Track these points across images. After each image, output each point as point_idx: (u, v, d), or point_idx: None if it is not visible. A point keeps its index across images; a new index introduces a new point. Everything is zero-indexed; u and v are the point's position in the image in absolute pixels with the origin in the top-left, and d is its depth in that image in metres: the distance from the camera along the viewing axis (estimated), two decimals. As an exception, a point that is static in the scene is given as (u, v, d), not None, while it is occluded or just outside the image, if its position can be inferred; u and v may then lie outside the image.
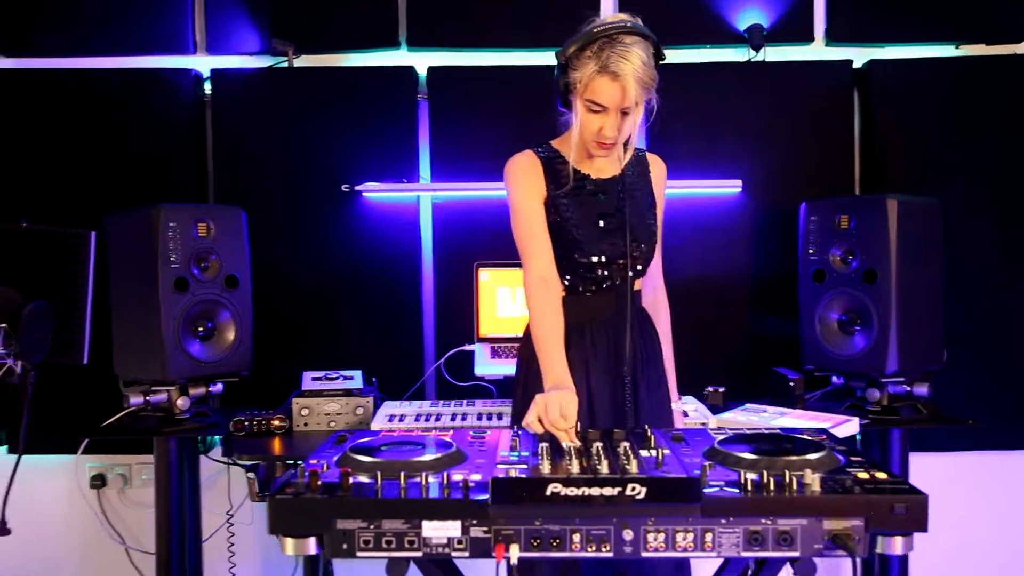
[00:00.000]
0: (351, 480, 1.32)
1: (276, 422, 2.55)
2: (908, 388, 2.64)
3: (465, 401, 2.74)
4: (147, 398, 2.62)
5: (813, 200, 2.77)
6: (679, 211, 3.11)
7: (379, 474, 1.32)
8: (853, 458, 1.47)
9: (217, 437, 2.82)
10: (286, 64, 3.13)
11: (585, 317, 1.99)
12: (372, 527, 1.27)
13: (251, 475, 2.32)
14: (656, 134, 3.08)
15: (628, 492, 1.23)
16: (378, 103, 3.13)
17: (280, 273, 3.09)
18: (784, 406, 2.68)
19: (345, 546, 1.27)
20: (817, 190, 3.01)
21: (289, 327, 3.10)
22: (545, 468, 1.40)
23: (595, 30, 1.83)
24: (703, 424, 2.48)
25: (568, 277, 2.00)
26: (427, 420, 2.51)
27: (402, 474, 1.31)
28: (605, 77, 1.81)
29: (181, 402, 2.64)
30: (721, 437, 1.58)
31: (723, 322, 3.12)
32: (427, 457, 1.44)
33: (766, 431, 1.67)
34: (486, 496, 1.26)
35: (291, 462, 2.31)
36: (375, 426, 2.47)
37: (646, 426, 1.64)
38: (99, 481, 3.17)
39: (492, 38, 3.16)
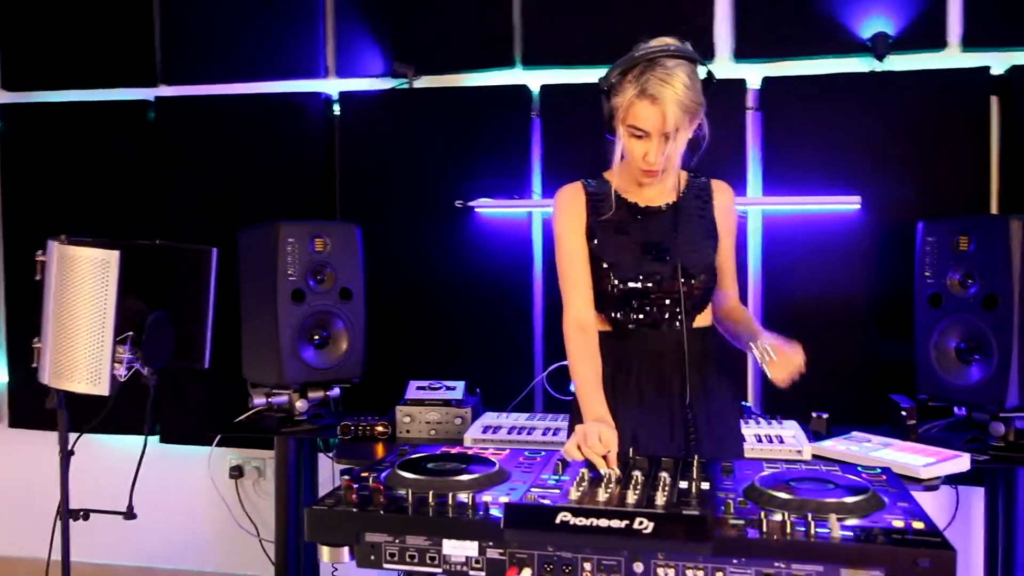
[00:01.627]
0: (384, 495, 1.41)
1: (380, 428, 2.70)
2: (1036, 423, 2.45)
3: (561, 416, 2.79)
4: (269, 400, 2.84)
5: (931, 219, 2.61)
6: (793, 228, 3.02)
7: (410, 491, 1.40)
8: (901, 503, 1.41)
9: (333, 439, 3.01)
10: (407, 85, 3.29)
11: (635, 353, 1.92)
12: (397, 541, 1.35)
13: (346, 478, 2.46)
14: (774, 147, 3.03)
15: (636, 526, 1.24)
16: (492, 121, 3.23)
17: (398, 285, 3.26)
18: (896, 436, 2.56)
19: (372, 557, 1.36)
20: (945, 209, 2.84)
21: (407, 337, 3.26)
22: (575, 495, 1.44)
23: (636, 54, 1.79)
24: (797, 452, 2.41)
25: (614, 311, 1.92)
26: (519, 433, 2.58)
27: (431, 492, 1.39)
28: (645, 101, 1.76)
29: (300, 404, 2.84)
30: (765, 473, 1.56)
31: (838, 344, 2.99)
32: (464, 477, 1.51)
33: (820, 469, 1.62)
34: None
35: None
36: (468, 436, 2.57)
37: (695, 456, 1.64)
38: (237, 472, 3.46)
39: (604, 55, 3.15)
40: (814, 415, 2.65)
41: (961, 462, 2.29)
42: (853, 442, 2.48)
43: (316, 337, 2.84)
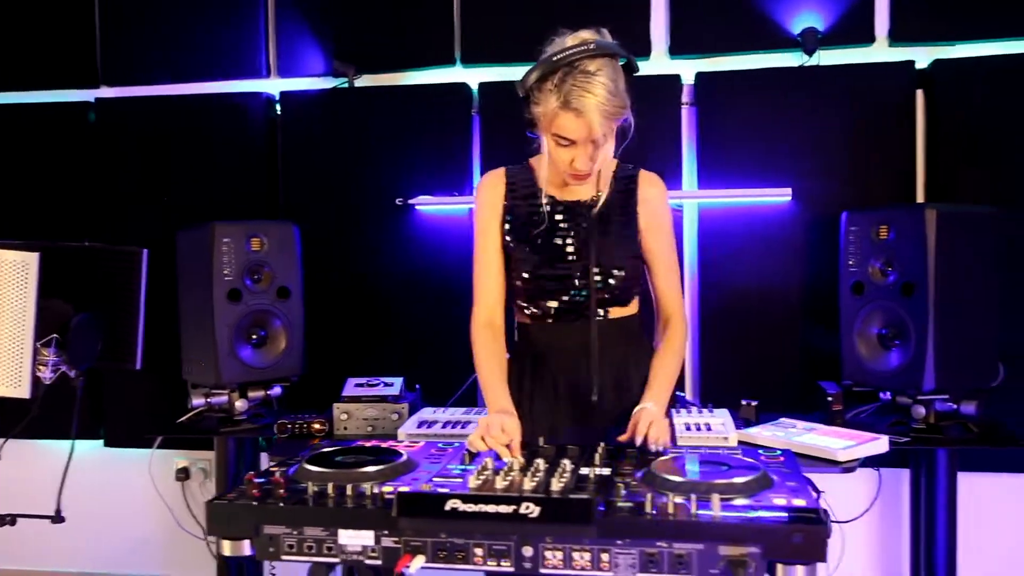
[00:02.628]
0: (287, 488, 1.44)
1: (317, 426, 2.71)
2: (955, 406, 2.51)
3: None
4: (208, 400, 2.85)
5: (854, 210, 2.67)
6: (727, 220, 3.08)
7: (310, 484, 1.43)
8: (790, 483, 1.46)
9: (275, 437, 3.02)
10: (348, 84, 3.31)
11: (549, 348, 1.92)
12: (295, 533, 1.38)
13: (250, 473, 2.48)
14: (708, 142, 3.08)
15: (522, 511, 1.28)
16: (433, 119, 3.25)
17: (340, 283, 3.28)
18: (825, 421, 2.61)
19: (271, 549, 1.39)
20: (872, 200, 2.90)
21: (351, 333, 3.28)
22: (474, 483, 1.47)
23: (554, 57, 1.70)
24: (724, 439, 2.45)
25: (530, 303, 1.92)
26: (454, 427, 2.61)
27: (330, 484, 1.42)
28: (569, 113, 1.69)
29: (240, 404, 2.85)
30: (664, 458, 1.60)
31: (772, 333, 3.05)
32: (368, 468, 1.54)
33: (720, 453, 1.66)
34: (402, 508, 1.34)
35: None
36: (403, 431, 2.59)
37: (601, 444, 1.68)
38: (183, 474, 3.46)
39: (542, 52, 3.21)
40: (743, 403, 2.70)
41: (879, 444, 2.34)
42: (779, 428, 2.53)
43: (254, 336, 2.84)
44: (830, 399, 2.64)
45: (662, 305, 2.01)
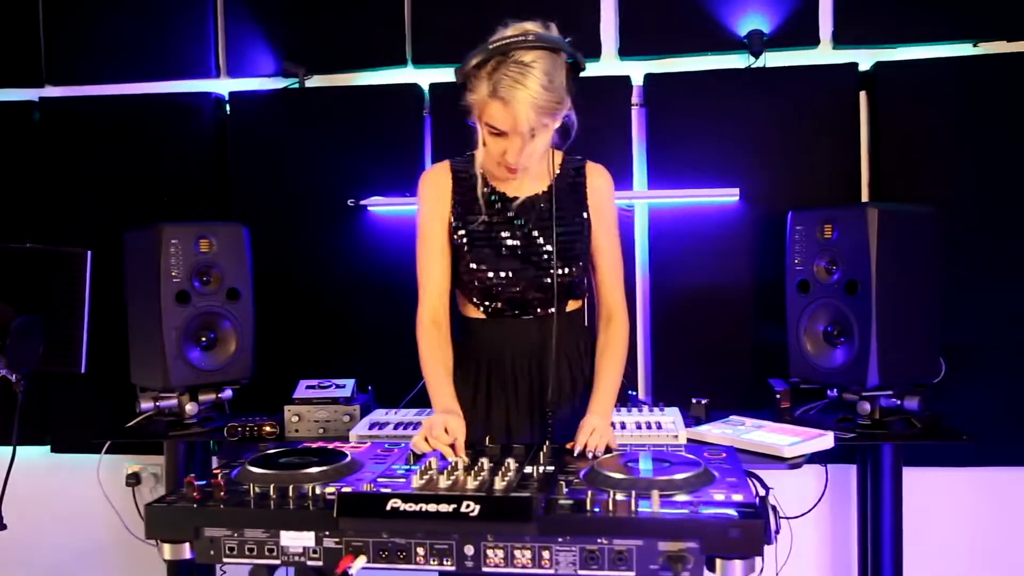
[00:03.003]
0: (227, 490, 1.42)
1: (267, 428, 2.69)
2: (899, 402, 2.56)
3: (451, 410, 2.81)
4: (157, 404, 2.81)
5: (799, 209, 2.72)
6: (677, 220, 3.10)
7: (252, 485, 1.41)
8: (730, 479, 1.48)
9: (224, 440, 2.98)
10: (298, 85, 3.28)
11: (505, 344, 1.91)
12: (236, 535, 1.37)
13: (191, 475, 2.45)
14: (658, 142, 3.11)
15: (463, 509, 1.28)
16: (384, 120, 3.24)
17: (292, 285, 3.25)
18: (774, 419, 2.65)
19: (212, 552, 1.38)
20: (818, 199, 2.95)
21: (303, 334, 3.25)
22: (417, 482, 1.47)
23: (491, 45, 1.69)
24: (674, 437, 2.48)
25: (485, 302, 1.91)
26: (406, 429, 2.60)
27: (272, 486, 1.41)
28: (496, 102, 1.68)
29: (190, 408, 2.81)
30: (608, 455, 1.61)
31: (722, 332, 3.09)
32: (311, 469, 1.53)
33: (664, 450, 1.68)
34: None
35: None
36: (354, 433, 2.58)
37: (547, 443, 1.69)
38: (134, 479, 3.40)
39: (494, 53, 3.22)
40: (693, 401, 2.73)
41: (825, 440, 2.38)
42: (728, 425, 2.56)
43: (203, 339, 2.81)
44: (778, 396, 2.68)
45: (604, 301, 1.99)
